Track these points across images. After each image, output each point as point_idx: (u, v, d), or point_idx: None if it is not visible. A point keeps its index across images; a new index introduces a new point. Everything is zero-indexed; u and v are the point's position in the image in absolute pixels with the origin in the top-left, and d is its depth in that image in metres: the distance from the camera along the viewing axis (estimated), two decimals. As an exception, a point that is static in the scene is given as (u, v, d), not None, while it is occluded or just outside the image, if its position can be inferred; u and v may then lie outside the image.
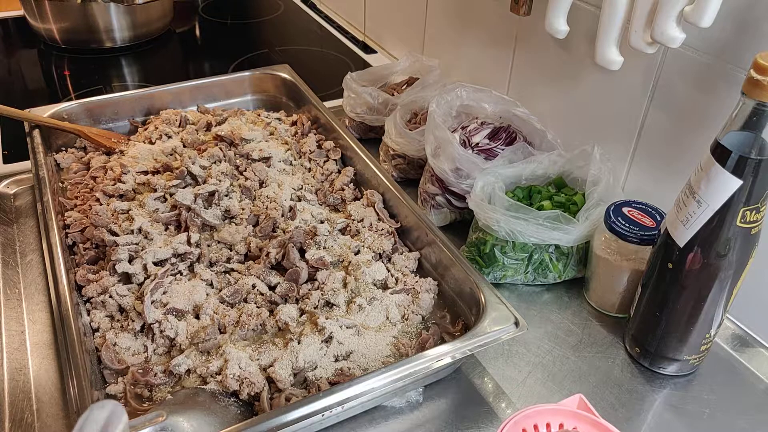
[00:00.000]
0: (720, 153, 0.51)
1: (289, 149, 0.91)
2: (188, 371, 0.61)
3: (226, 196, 0.80)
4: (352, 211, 0.80)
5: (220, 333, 0.65)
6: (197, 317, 0.66)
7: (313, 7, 1.58)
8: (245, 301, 0.68)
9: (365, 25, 1.40)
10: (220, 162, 0.85)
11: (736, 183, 0.51)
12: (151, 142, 0.92)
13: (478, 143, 0.83)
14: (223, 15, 1.56)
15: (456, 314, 0.69)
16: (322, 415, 0.52)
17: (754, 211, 0.52)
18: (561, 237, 0.69)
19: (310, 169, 0.90)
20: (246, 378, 0.58)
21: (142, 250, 0.71)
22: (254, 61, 1.31)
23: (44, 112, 0.90)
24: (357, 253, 0.74)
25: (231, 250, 0.74)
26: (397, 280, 0.72)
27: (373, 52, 1.35)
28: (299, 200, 0.82)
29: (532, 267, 0.73)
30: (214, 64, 1.33)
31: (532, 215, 0.69)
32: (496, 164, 0.77)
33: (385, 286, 0.72)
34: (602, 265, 0.70)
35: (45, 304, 0.71)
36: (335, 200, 0.83)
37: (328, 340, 0.63)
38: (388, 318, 0.68)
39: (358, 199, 0.84)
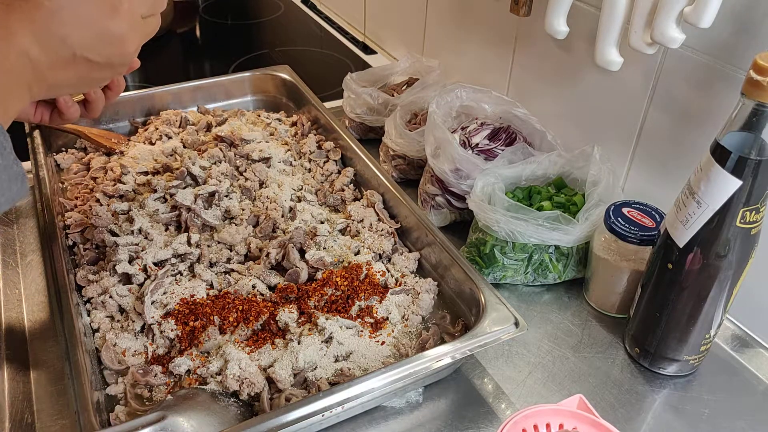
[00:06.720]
0: (720, 153, 0.51)
1: (289, 150, 0.91)
2: (188, 371, 0.61)
3: (226, 196, 0.80)
4: (352, 211, 0.80)
5: (221, 333, 0.65)
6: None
7: (313, 7, 1.58)
8: (245, 301, 0.68)
9: (365, 25, 1.40)
10: (220, 162, 0.85)
11: (735, 183, 0.51)
12: (151, 143, 0.92)
13: (478, 144, 0.83)
14: (224, 15, 1.56)
15: (456, 314, 0.69)
16: (322, 416, 0.52)
17: (753, 212, 0.52)
18: (561, 237, 0.69)
19: (310, 170, 0.90)
20: (246, 378, 0.58)
21: (142, 251, 0.71)
22: (254, 62, 1.31)
23: (44, 113, 0.90)
24: (357, 253, 0.74)
25: (231, 251, 0.74)
26: (397, 280, 0.72)
27: (373, 52, 1.35)
28: (299, 201, 0.82)
29: (531, 267, 0.73)
30: (215, 65, 1.33)
31: (532, 216, 0.69)
32: (495, 165, 0.77)
33: (385, 287, 0.71)
34: (602, 266, 0.70)
35: (45, 305, 0.71)
36: (335, 201, 0.83)
37: (328, 341, 0.63)
38: (388, 318, 0.68)
39: (358, 200, 0.84)
